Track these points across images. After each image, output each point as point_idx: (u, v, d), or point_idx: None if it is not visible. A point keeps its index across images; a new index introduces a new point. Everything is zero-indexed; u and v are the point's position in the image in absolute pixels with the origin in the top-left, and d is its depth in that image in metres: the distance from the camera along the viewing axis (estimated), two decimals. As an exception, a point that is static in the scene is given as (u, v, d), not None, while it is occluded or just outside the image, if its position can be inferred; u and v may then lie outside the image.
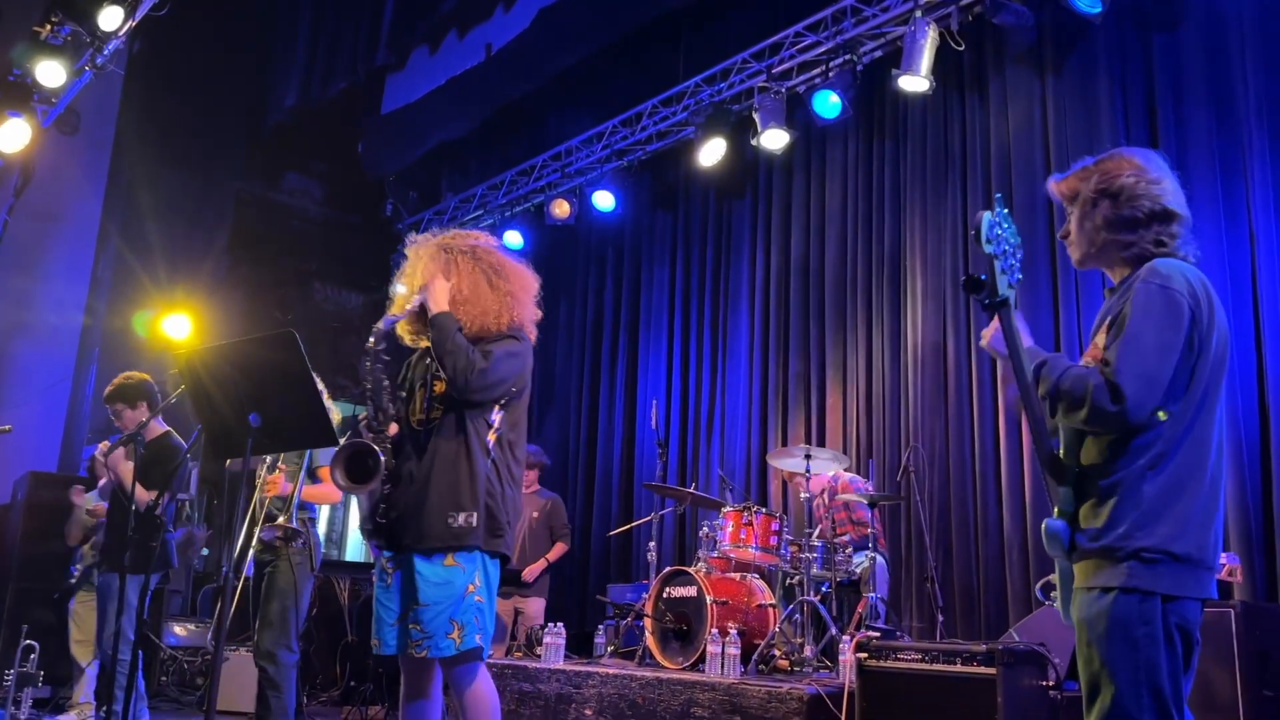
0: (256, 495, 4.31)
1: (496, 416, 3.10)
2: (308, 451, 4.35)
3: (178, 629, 7.63)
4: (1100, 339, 2.22)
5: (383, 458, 2.91)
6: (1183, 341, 2.12)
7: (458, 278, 3.13)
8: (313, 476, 4.54)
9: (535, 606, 6.86)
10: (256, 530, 4.26)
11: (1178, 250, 2.26)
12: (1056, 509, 2.23)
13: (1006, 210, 2.24)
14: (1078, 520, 2.18)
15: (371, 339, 3.03)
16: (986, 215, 2.18)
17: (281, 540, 4.30)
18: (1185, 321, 2.13)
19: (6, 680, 4.81)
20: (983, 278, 2.20)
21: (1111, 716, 2.06)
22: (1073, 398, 2.11)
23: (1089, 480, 2.17)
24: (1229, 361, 2.25)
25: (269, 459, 4.37)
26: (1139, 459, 2.12)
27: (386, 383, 3.05)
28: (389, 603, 3.03)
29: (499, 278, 3.16)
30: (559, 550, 7.02)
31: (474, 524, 2.95)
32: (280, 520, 4.25)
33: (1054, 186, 2.42)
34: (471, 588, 2.96)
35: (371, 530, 3.05)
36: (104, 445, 4.82)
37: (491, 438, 3.07)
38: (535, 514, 7.04)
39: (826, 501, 6.01)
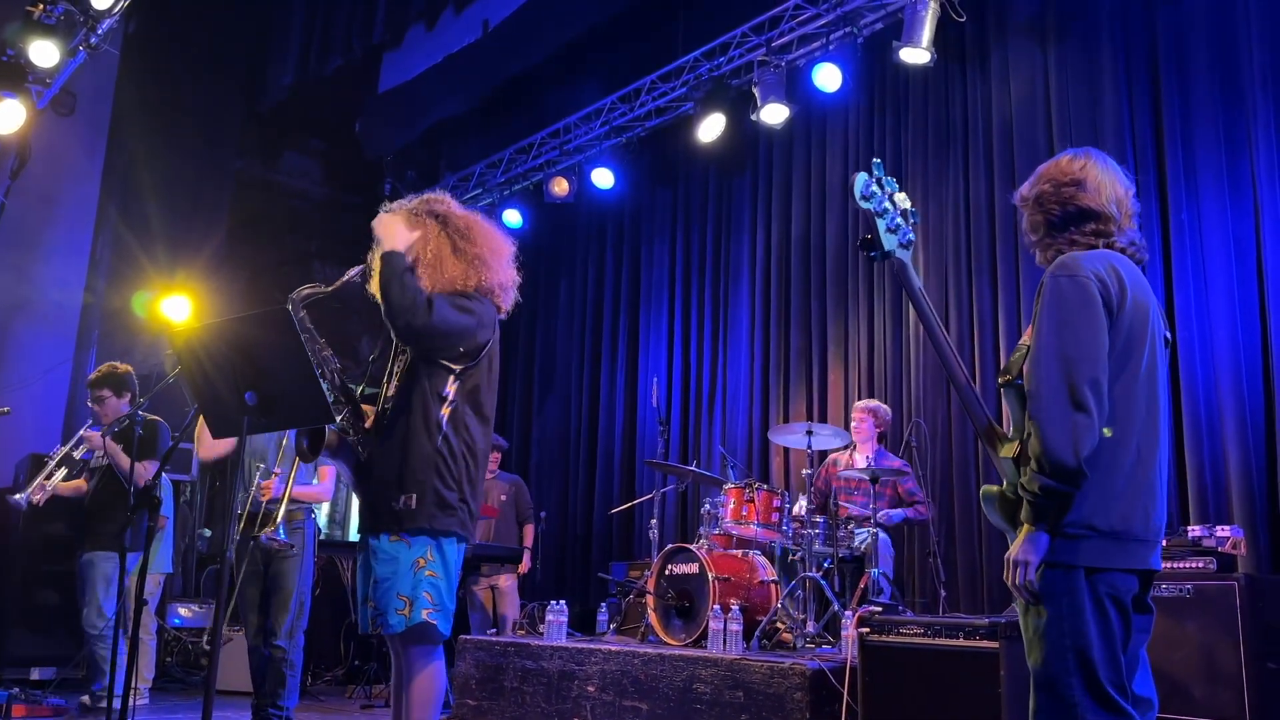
0: (251, 495, 4.61)
1: (451, 389, 2.98)
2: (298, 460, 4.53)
3: (182, 610, 7.66)
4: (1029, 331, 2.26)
5: (327, 434, 2.92)
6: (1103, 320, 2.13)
7: (421, 238, 3.03)
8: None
9: (508, 583, 7.02)
10: (256, 528, 4.56)
11: (1099, 245, 2.26)
12: (1005, 481, 2.32)
13: (893, 177, 2.32)
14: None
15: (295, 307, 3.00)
16: (860, 176, 2.28)
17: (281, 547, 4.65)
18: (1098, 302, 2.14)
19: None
20: (869, 236, 2.31)
21: (1040, 681, 2.13)
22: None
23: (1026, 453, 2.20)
24: (1153, 332, 2.25)
25: (263, 466, 4.66)
26: None
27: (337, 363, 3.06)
28: (361, 583, 3.03)
29: (465, 241, 3.05)
30: (530, 534, 7.27)
31: (413, 506, 2.88)
32: (268, 530, 4.54)
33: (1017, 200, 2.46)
34: (422, 562, 2.88)
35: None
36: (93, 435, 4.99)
37: (445, 412, 2.96)
38: (503, 497, 7.16)
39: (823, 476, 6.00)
